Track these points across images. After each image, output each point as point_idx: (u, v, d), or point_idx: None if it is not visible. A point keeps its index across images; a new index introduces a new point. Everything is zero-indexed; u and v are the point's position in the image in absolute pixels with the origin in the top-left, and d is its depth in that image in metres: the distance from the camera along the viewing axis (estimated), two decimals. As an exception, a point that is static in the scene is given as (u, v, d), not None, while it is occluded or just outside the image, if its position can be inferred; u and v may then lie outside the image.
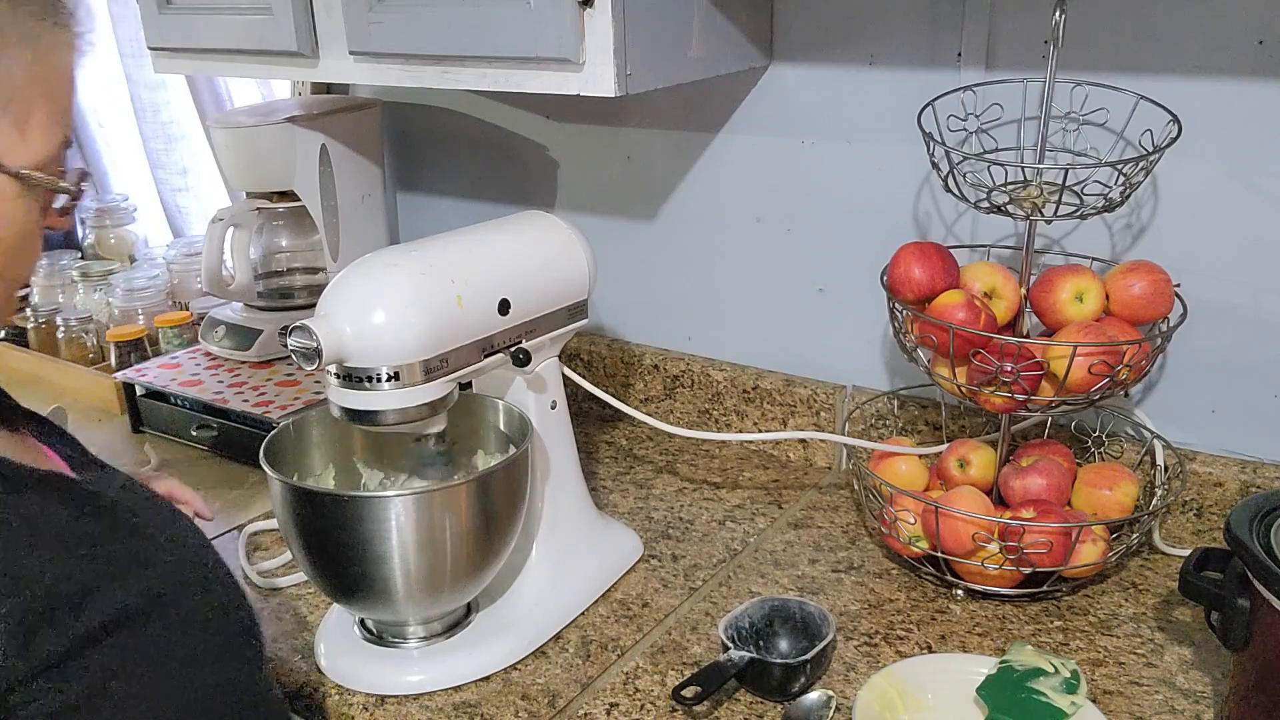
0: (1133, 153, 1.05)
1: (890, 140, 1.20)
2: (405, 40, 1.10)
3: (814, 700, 0.89)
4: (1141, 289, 1.00)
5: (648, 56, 1.02)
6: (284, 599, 1.09)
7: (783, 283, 1.34)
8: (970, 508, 1.00)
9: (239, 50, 1.27)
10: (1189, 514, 1.11)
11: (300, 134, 1.45)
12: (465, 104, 1.57)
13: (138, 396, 1.48)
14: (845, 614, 1.03)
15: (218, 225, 1.50)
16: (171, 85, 2.10)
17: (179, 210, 2.21)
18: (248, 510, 1.26)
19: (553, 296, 1.01)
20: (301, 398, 1.38)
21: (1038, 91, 1.07)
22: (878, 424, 1.28)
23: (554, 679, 0.95)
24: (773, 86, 1.27)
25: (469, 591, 0.97)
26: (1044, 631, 0.99)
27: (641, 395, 1.47)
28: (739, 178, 1.33)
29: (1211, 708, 0.89)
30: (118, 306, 1.71)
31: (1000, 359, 0.96)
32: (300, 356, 0.86)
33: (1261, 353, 1.06)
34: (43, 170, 0.66)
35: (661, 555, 1.14)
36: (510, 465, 0.93)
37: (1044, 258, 1.13)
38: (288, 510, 0.90)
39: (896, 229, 1.22)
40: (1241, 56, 0.99)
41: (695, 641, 1.00)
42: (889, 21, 1.16)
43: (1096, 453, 1.15)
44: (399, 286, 0.88)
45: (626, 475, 1.33)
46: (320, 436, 1.03)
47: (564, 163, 1.49)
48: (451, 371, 0.92)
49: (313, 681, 0.96)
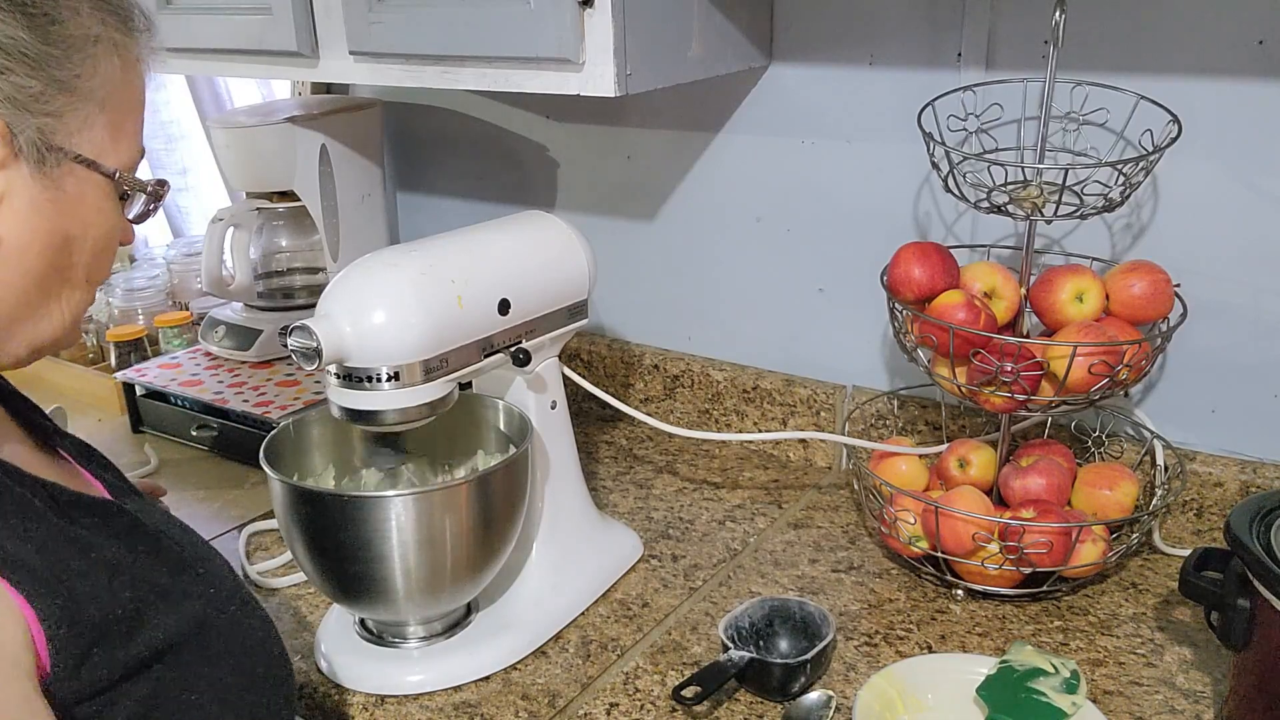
0: (1133, 153, 1.05)
1: (890, 140, 1.20)
2: (405, 40, 1.10)
3: (814, 700, 0.89)
4: (1141, 289, 1.00)
5: (648, 56, 1.02)
6: (284, 599, 1.09)
7: (783, 283, 1.34)
8: (970, 508, 1.00)
9: (239, 50, 1.27)
10: (1189, 514, 1.11)
11: (300, 134, 1.45)
12: (465, 104, 1.57)
13: (138, 396, 1.48)
14: (845, 614, 1.03)
15: (218, 225, 1.50)
16: (171, 85, 2.11)
17: (179, 210, 2.21)
18: (248, 510, 1.26)
19: (553, 296, 1.01)
20: (301, 398, 1.38)
21: (1038, 91, 1.07)
22: (878, 424, 1.28)
23: (554, 679, 0.95)
24: (773, 86, 1.27)
25: (469, 591, 0.97)
26: (1044, 631, 0.99)
27: (641, 395, 1.47)
28: (739, 178, 1.33)
29: (1211, 708, 0.89)
30: (118, 306, 1.71)
31: (1000, 359, 0.96)
32: (300, 356, 0.86)
33: (1261, 353, 1.06)
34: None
35: (661, 555, 1.14)
36: (510, 465, 0.93)
37: (1044, 258, 1.13)
38: (288, 510, 0.90)
39: (896, 229, 1.22)
40: (1241, 56, 0.99)
41: (695, 641, 1.00)
42: (889, 21, 1.16)
43: (1096, 453, 1.15)
44: (399, 286, 0.88)
45: (626, 475, 1.33)
46: (320, 436, 1.03)
47: (564, 163, 1.49)
48: (451, 371, 0.92)
49: (313, 681, 0.96)
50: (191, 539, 0.76)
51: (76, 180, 0.65)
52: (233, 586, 0.75)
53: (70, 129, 0.64)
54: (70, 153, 0.64)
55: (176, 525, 0.77)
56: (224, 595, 0.73)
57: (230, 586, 0.75)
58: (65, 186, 0.65)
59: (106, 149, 0.67)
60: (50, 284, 0.66)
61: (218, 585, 0.73)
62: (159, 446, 1.44)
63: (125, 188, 0.69)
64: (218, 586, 0.73)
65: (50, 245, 0.65)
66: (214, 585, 0.73)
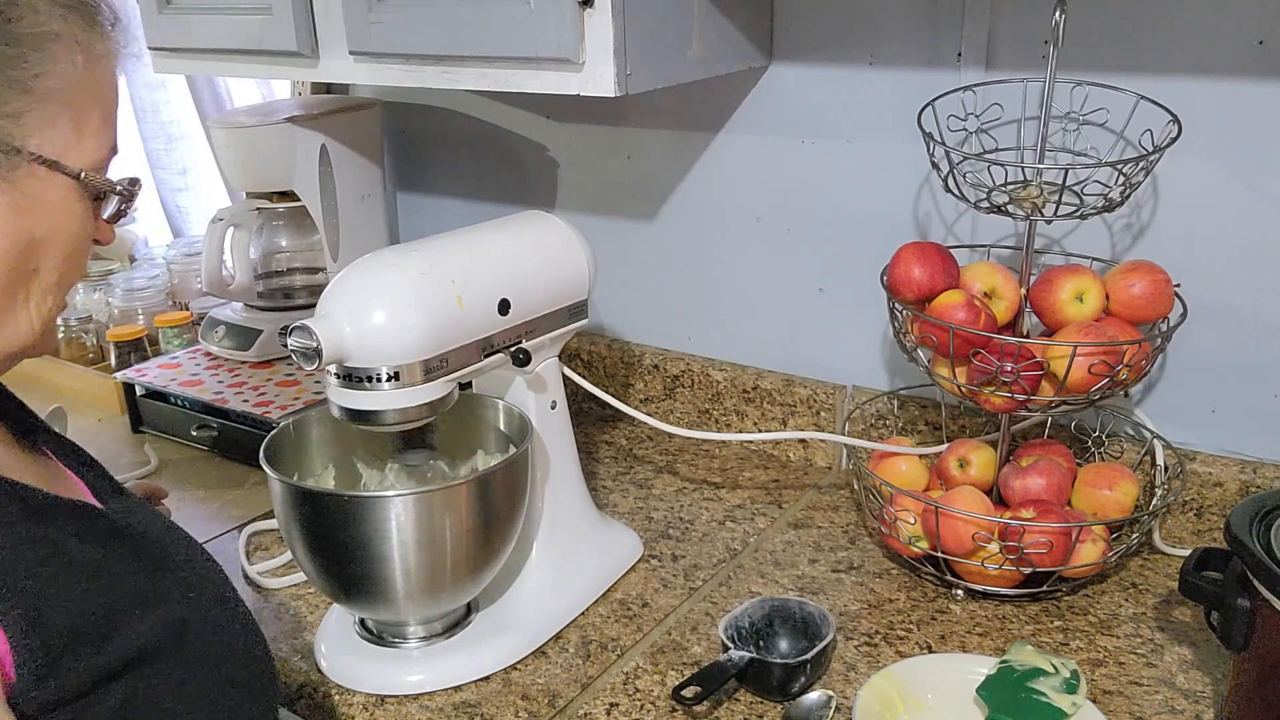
0: (1133, 153, 1.05)
1: (890, 140, 1.20)
2: (405, 40, 1.10)
3: (814, 700, 0.89)
4: (1141, 289, 1.00)
5: (648, 56, 1.02)
6: (284, 599, 1.09)
7: (783, 283, 1.34)
8: (970, 508, 1.00)
9: (239, 50, 1.27)
10: (1189, 514, 1.11)
11: (300, 134, 1.45)
12: (465, 104, 1.57)
13: (138, 396, 1.48)
14: (845, 614, 1.03)
15: (218, 225, 1.50)
16: (171, 85, 2.10)
17: (179, 210, 2.21)
18: (248, 510, 1.26)
19: (553, 296, 1.01)
20: (301, 398, 1.38)
21: (1038, 91, 1.07)
22: (878, 424, 1.28)
23: (554, 679, 0.95)
24: (773, 86, 1.27)
25: (469, 591, 0.97)
26: (1044, 631, 0.99)
27: (641, 395, 1.47)
28: (739, 178, 1.33)
29: (1211, 708, 0.89)
30: (118, 306, 1.71)
31: (1000, 359, 0.96)
32: (300, 356, 0.86)
33: (1261, 353, 1.06)
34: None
35: (661, 555, 1.14)
36: (510, 465, 0.93)
37: (1044, 258, 1.13)
38: (288, 510, 0.90)
39: (896, 229, 1.22)
40: (1241, 56, 0.99)
41: (695, 641, 1.00)
42: (889, 21, 1.16)
43: (1096, 453, 1.15)
44: (399, 286, 0.88)
45: (626, 475, 1.33)
46: (320, 436, 1.03)
47: (564, 163, 1.49)
48: (451, 371, 0.92)
49: (313, 681, 0.96)
50: (176, 540, 0.75)
51: (39, 182, 0.64)
52: (216, 589, 0.74)
53: (30, 129, 0.63)
54: (30, 154, 0.63)
55: (161, 526, 0.75)
56: (206, 598, 0.72)
57: (213, 589, 0.73)
58: (27, 189, 0.63)
59: (71, 148, 0.65)
60: (16, 289, 0.65)
61: (199, 588, 0.72)
62: (159, 446, 1.44)
63: (94, 188, 0.67)
64: (199, 589, 0.72)
65: (13, 249, 0.63)
66: (195, 588, 0.71)
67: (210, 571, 0.75)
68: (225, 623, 0.73)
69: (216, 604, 0.73)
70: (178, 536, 0.75)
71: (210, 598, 0.72)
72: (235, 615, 0.75)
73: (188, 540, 0.76)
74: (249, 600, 1.08)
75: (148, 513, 0.77)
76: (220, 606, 0.73)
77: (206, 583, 0.73)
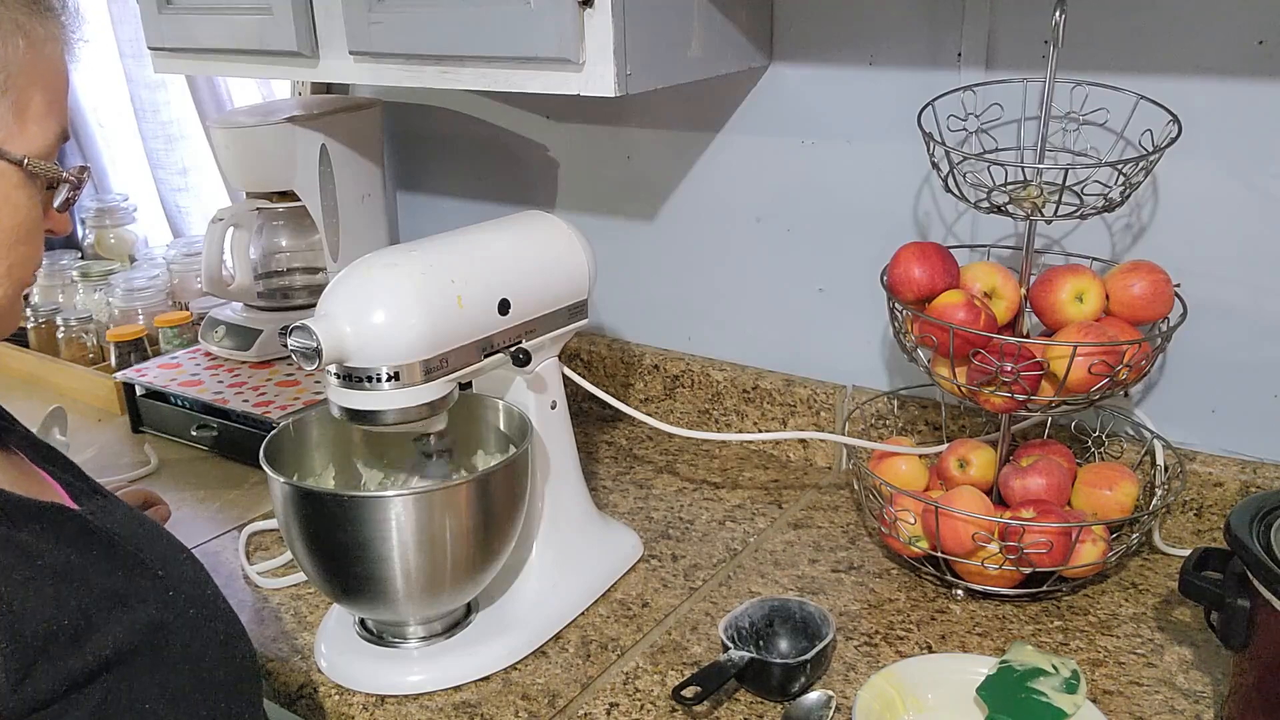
0: (1133, 153, 1.05)
1: (890, 140, 1.20)
2: (405, 40, 1.10)
3: (814, 700, 0.89)
4: (1141, 289, 1.00)
5: (648, 56, 1.02)
6: (284, 599, 1.09)
7: (783, 283, 1.34)
8: (970, 508, 1.01)
9: (239, 50, 1.27)
10: (1189, 514, 1.11)
11: (300, 134, 1.45)
12: (465, 104, 1.57)
13: (138, 396, 1.48)
14: (845, 614, 1.03)
15: (218, 225, 1.50)
16: (171, 85, 2.10)
17: (179, 210, 2.21)
18: (248, 510, 1.26)
19: (553, 296, 1.01)
20: (301, 398, 1.38)
21: (1038, 91, 1.07)
22: (878, 424, 1.28)
23: (554, 679, 0.95)
24: (773, 86, 1.27)
25: (469, 591, 0.97)
26: (1044, 631, 0.99)
27: (641, 395, 1.47)
28: (739, 178, 1.33)
29: (1211, 708, 0.89)
30: (118, 306, 1.71)
31: (1000, 359, 0.96)
32: (300, 356, 0.86)
33: (1261, 353, 1.06)
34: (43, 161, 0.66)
35: (661, 555, 1.14)
36: (510, 465, 0.93)
37: (1044, 258, 1.13)
38: (288, 510, 0.90)
39: (896, 229, 1.22)
40: (1241, 56, 0.99)
41: (695, 641, 1.00)
42: (889, 21, 1.16)
43: (1096, 453, 1.15)
44: (399, 286, 0.88)
45: (626, 475, 1.33)
46: (320, 436, 1.03)
47: (564, 163, 1.49)
48: (451, 371, 0.92)
49: (313, 681, 0.96)
50: (154, 540, 0.73)
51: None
52: (195, 589, 0.73)
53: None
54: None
55: (138, 526, 0.74)
56: (184, 598, 0.71)
57: (192, 589, 0.72)
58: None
59: (13, 135, 0.64)
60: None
61: (178, 588, 0.71)
62: (159, 446, 1.44)
63: (39, 176, 0.65)
64: (178, 589, 0.71)
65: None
66: (174, 588, 0.70)
67: (190, 571, 0.74)
68: (204, 622, 0.72)
69: (195, 604, 0.71)
70: (156, 536, 0.74)
71: (189, 597, 0.71)
72: (216, 614, 0.74)
73: (167, 540, 0.75)
74: (249, 600, 1.08)
75: (125, 513, 0.76)
76: (199, 606, 0.72)
77: (185, 582, 0.72)
